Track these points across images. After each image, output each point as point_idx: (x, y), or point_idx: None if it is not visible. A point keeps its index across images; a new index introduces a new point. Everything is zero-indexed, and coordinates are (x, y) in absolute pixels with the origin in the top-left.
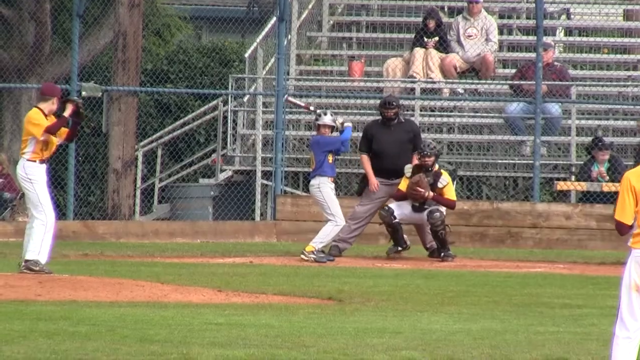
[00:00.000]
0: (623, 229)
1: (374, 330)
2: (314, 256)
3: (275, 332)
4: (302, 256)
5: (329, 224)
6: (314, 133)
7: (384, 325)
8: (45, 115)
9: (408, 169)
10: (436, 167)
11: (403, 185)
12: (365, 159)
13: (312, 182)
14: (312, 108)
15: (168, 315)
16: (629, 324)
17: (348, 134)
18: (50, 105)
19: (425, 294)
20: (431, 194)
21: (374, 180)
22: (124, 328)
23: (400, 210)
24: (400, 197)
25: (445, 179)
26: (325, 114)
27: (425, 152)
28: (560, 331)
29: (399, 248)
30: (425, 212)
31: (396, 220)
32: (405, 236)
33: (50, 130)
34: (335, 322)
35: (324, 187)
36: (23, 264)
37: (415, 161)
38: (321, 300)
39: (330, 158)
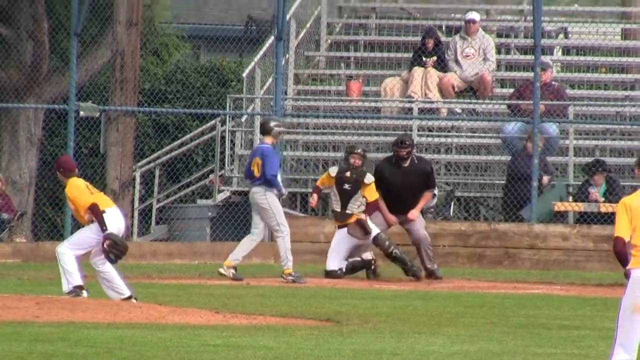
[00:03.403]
0: (618, 245)
1: (371, 352)
2: (292, 277)
3: (273, 354)
4: (221, 270)
5: (247, 238)
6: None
7: (382, 347)
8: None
9: (333, 170)
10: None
11: (322, 180)
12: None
13: (256, 189)
14: None
15: (166, 337)
16: (629, 348)
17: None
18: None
19: (423, 315)
20: (369, 224)
21: (390, 217)
22: (122, 350)
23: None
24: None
25: (370, 177)
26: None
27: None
28: (558, 353)
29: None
30: (370, 239)
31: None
32: (416, 267)
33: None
34: (333, 344)
35: (270, 194)
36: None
37: (422, 200)
38: (319, 321)
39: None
